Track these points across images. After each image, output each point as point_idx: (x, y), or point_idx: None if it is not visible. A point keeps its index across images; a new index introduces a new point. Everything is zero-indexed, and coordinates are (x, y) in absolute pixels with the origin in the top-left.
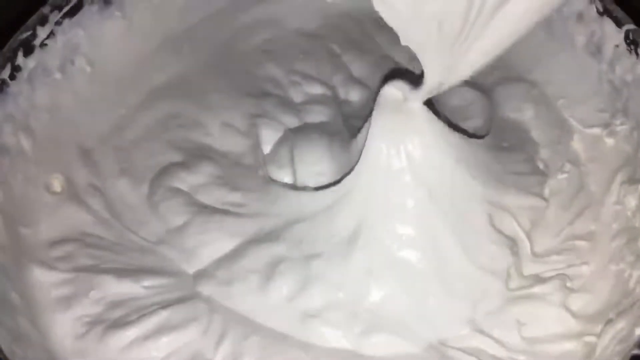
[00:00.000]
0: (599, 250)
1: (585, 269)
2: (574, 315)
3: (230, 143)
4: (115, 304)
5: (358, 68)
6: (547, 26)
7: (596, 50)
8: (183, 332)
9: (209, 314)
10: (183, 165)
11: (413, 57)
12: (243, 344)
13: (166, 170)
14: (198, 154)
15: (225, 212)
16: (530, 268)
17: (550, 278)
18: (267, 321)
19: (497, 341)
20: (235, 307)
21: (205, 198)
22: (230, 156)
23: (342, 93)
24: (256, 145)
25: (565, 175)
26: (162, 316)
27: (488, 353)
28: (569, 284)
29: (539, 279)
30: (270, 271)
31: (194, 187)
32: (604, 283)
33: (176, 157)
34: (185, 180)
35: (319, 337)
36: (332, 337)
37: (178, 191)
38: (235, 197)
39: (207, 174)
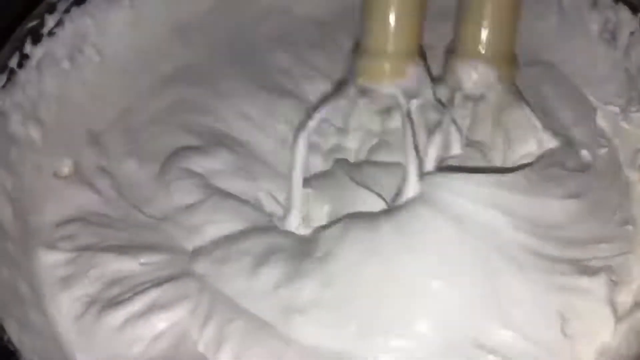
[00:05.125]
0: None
1: (631, 258)
2: (614, 309)
3: (247, 134)
4: (112, 282)
5: None
6: (560, 13)
7: (611, 37)
8: (174, 310)
9: (199, 293)
10: (198, 150)
11: (425, 48)
12: (226, 328)
13: (180, 153)
14: (213, 140)
15: (241, 200)
16: (578, 252)
17: (598, 271)
18: (252, 307)
19: (535, 337)
20: (223, 288)
21: (220, 182)
22: (247, 146)
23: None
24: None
25: (604, 150)
26: (155, 294)
27: (518, 350)
28: (613, 277)
29: (586, 269)
30: (265, 256)
31: (209, 171)
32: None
33: (189, 140)
34: (199, 164)
35: (303, 332)
36: (318, 334)
37: (192, 172)
38: (253, 191)
39: (223, 160)
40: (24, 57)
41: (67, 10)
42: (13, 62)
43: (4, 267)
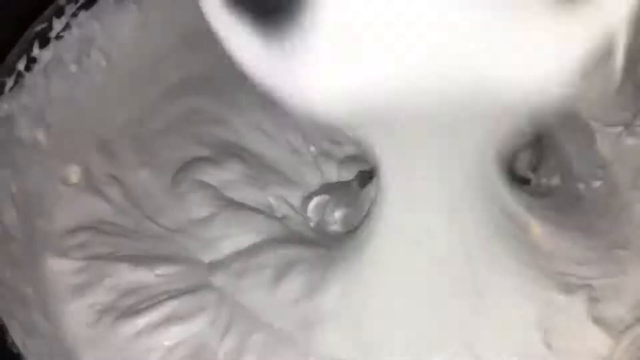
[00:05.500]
0: (636, 257)
1: (623, 279)
2: (600, 325)
3: (259, 144)
4: (127, 292)
5: None
6: None
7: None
8: (191, 322)
9: (218, 305)
10: (210, 161)
11: None
12: (247, 339)
13: (192, 164)
14: (226, 151)
15: (254, 210)
16: (573, 269)
17: (576, 289)
18: (272, 320)
19: (518, 350)
20: (243, 301)
21: (234, 194)
22: (261, 158)
23: None
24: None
25: (599, 183)
26: (172, 305)
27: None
28: (593, 294)
29: (564, 287)
30: (285, 269)
31: (222, 182)
32: (634, 290)
33: (202, 151)
34: (212, 175)
35: (322, 344)
36: (336, 345)
37: (205, 185)
38: (266, 198)
39: (237, 172)
40: (32, 61)
41: (74, 14)
42: (20, 66)
43: (7, 270)
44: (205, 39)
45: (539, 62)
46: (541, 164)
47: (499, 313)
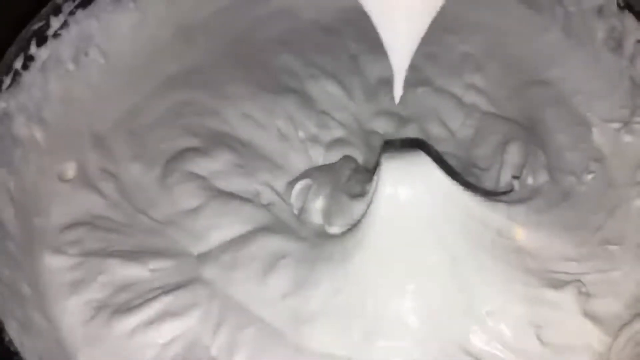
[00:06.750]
0: (630, 253)
1: (615, 275)
2: (594, 320)
3: (248, 133)
4: (121, 288)
5: (374, 73)
6: (565, 21)
7: (616, 45)
8: (184, 318)
9: (209, 299)
10: (200, 151)
11: (427, 57)
12: (238, 334)
13: (182, 155)
14: (215, 141)
15: (242, 199)
16: (562, 266)
17: (565, 284)
18: (263, 314)
19: (513, 346)
20: (233, 294)
21: (223, 184)
22: (250, 146)
23: (358, 99)
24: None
25: (592, 175)
26: (165, 301)
27: (502, 357)
28: (584, 289)
29: (552, 283)
30: (273, 262)
31: (211, 172)
32: (629, 286)
33: (192, 142)
34: (202, 166)
35: (312, 340)
36: (326, 342)
37: (194, 175)
38: (253, 186)
39: (225, 161)
40: (29, 59)
41: (72, 12)
42: (18, 64)
43: (5, 268)
44: (197, 33)
45: None
46: (529, 158)
47: (489, 312)
